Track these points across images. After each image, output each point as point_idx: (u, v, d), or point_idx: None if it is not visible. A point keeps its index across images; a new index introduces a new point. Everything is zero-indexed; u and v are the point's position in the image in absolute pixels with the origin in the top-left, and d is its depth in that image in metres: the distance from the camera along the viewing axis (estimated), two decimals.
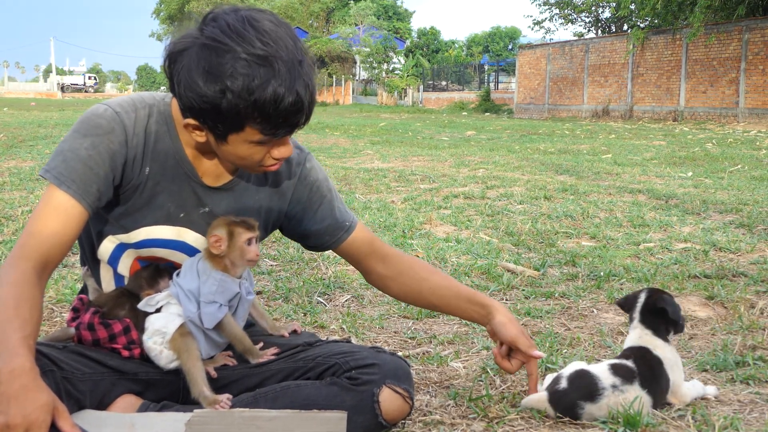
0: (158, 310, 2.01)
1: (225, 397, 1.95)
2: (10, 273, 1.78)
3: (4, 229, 4.93)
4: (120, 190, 1.96)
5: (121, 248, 2.04)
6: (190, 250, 2.06)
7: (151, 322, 2.00)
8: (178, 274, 2.03)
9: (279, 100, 1.75)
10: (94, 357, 1.97)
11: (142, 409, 1.97)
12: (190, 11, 71.97)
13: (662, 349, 2.20)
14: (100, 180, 1.88)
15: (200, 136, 1.86)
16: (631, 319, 2.31)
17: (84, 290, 2.19)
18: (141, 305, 2.01)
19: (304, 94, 1.77)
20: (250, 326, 2.21)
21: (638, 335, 2.26)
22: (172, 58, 1.80)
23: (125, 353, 2.01)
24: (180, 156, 1.98)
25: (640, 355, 2.20)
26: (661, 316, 2.23)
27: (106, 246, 2.04)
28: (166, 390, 2.06)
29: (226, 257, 2.00)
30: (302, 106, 1.78)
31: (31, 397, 1.55)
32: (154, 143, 1.95)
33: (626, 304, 2.33)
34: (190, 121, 1.82)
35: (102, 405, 1.95)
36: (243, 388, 2.07)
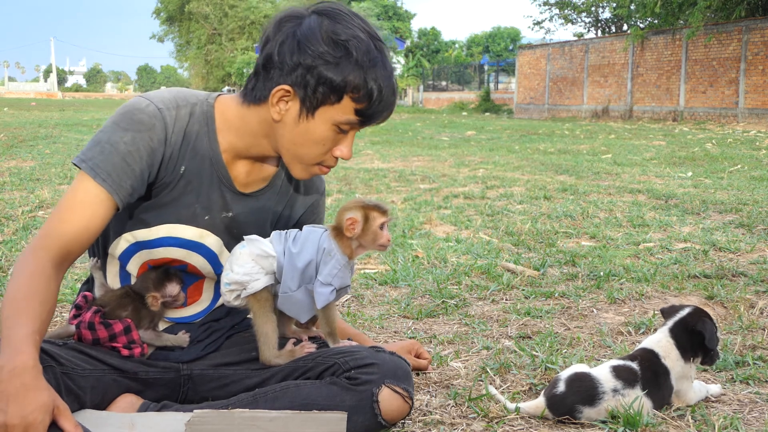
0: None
1: (306, 344, 2.08)
2: (28, 263, 1.77)
3: (5, 229, 4.93)
4: (153, 186, 1.95)
5: (136, 247, 2.02)
6: (208, 253, 2.05)
7: (236, 258, 2.00)
8: (293, 239, 2.03)
9: (386, 82, 1.85)
10: (93, 355, 1.97)
11: (143, 408, 1.97)
12: (190, 11, 72.05)
13: (674, 361, 2.17)
14: (135, 176, 1.87)
15: (279, 112, 1.88)
16: (666, 321, 2.28)
17: (88, 282, 2.18)
18: (249, 237, 2.03)
19: (396, 94, 1.90)
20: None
21: (658, 339, 2.23)
22: (282, 23, 1.85)
23: (125, 352, 2.01)
24: (216, 159, 1.98)
25: (648, 358, 2.18)
26: (694, 337, 2.20)
27: (121, 243, 2.02)
28: (166, 389, 2.07)
29: (357, 240, 2.02)
30: (395, 100, 1.90)
31: (30, 396, 1.55)
32: (193, 143, 1.95)
33: (668, 312, 2.30)
34: (284, 87, 1.84)
35: (102, 402, 1.95)
36: (243, 387, 2.07)
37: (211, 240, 2.04)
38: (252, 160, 2.03)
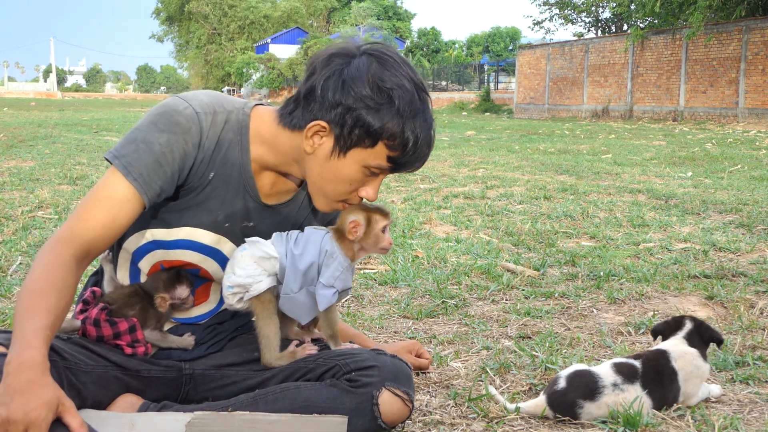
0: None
1: (308, 345, 2.08)
2: (48, 256, 1.77)
3: (4, 230, 4.93)
4: (180, 188, 1.95)
5: (153, 246, 2.02)
6: (222, 261, 2.05)
7: (238, 261, 1.99)
8: (295, 240, 2.02)
9: (423, 134, 1.85)
10: (97, 351, 1.97)
11: (143, 409, 1.97)
12: (190, 11, 72.02)
13: (687, 362, 2.18)
14: (166, 178, 1.87)
15: (312, 145, 1.88)
16: (668, 337, 2.28)
17: (96, 274, 2.17)
18: (251, 238, 2.02)
19: (432, 146, 1.91)
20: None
21: (674, 343, 2.24)
22: (331, 58, 1.85)
23: (128, 350, 2.01)
24: (245, 169, 1.98)
25: (655, 358, 2.19)
26: (709, 342, 2.27)
27: (139, 239, 2.02)
28: (168, 387, 2.07)
29: (359, 243, 2.02)
30: (429, 152, 1.91)
31: (35, 392, 1.54)
32: (225, 152, 1.95)
33: (666, 330, 2.30)
34: (321, 123, 1.84)
35: (103, 398, 1.95)
36: (244, 388, 2.07)
37: (228, 248, 2.04)
38: (278, 173, 2.03)
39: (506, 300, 3.50)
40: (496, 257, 4.30)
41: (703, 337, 2.26)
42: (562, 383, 2.12)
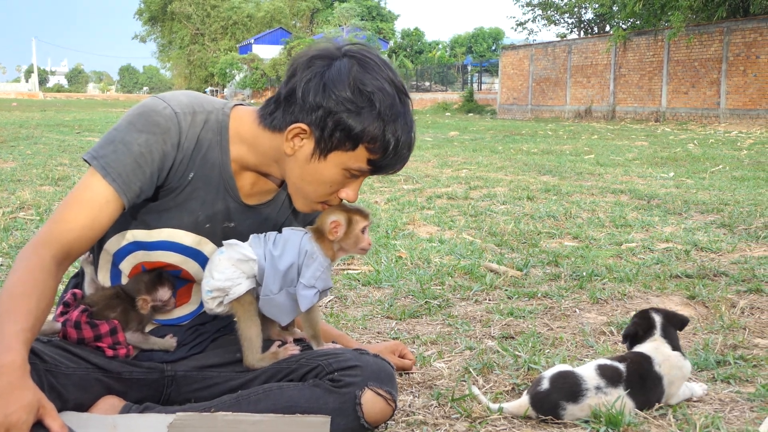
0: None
1: (290, 346, 2.07)
2: (29, 258, 1.76)
3: None
4: (159, 189, 1.94)
5: (134, 247, 2.00)
6: (204, 262, 2.04)
7: (216, 265, 1.98)
8: (273, 241, 2.01)
9: (404, 137, 1.85)
10: (77, 353, 1.95)
11: (125, 410, 1.96)
12: (172, 12, 71.73)
13: (671, 367, 2.19)
14: (145, 178, 1.86)
15: (292, 147, 1.87)
16: (643, 339, 2.28)
17: (77, 276, 2.16)
18: (228, 241, 2.00)
19: (412, 149, 1.91)
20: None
21: (656, 346, 2.23)
22: (312, 60, 1.84)
23: (110, 352, 2.00)
24: (225, 169, 1.97)
25: (638, 362, 2.19)
26: (680, 327, 2.30)
27: (119, 241, 2.00)
28: (150, 389, 2.06)
29: (339, 243, 2.02)
30: (409, 155, 1.91)
31: (15, 395, 1.54)
32: (205, 152, 1.94)
33: (638, 331, 2.29)
34: (301, 125, 1.83)
35: (84, 400, 1.94)
36: (226, 389, 2.06)
37: (209, 248, 2.03)
38: (258, 173, 2.03)
39: (489, 300, 3.50)
40: (479, 258, 4.31)
41: (675, 326, 2.28)
42: (545, 384, 2.12)
